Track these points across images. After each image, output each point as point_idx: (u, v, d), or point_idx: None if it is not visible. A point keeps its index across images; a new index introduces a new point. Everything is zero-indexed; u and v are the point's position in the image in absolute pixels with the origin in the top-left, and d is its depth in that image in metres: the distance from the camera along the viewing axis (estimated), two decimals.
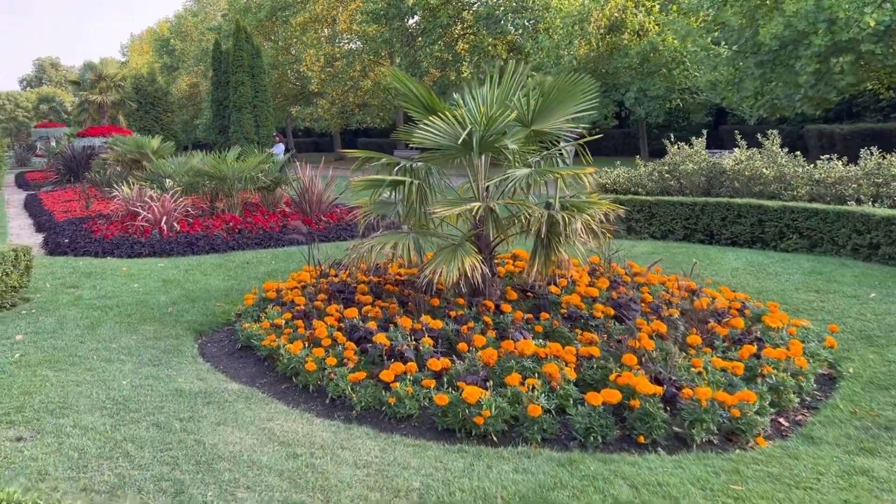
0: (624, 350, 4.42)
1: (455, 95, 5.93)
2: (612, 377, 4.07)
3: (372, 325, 5.10)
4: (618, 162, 12.74)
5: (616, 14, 21.62)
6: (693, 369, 4.23)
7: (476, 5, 28.11)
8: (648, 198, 10.12)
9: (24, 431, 3.95)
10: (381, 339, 4.72)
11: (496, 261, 6.10)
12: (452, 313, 5.20)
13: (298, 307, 5.73)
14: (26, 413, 4.18)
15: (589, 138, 5.75)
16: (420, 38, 30.14)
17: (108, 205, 15.62)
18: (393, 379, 4.30)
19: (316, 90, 37.09)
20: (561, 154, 6.04)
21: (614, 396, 3.79)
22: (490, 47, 26.66)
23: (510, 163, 5.56)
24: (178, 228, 11.30)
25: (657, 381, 4.01)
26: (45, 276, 8.29)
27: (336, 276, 7.15)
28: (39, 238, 12.57)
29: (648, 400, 3.77)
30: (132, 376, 4.83)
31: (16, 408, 4.26)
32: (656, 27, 22.12)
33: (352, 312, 5.31)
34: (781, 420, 4.08)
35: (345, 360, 4.65)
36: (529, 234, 5.44)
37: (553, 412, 3.95)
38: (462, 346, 4.64)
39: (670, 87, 20.65)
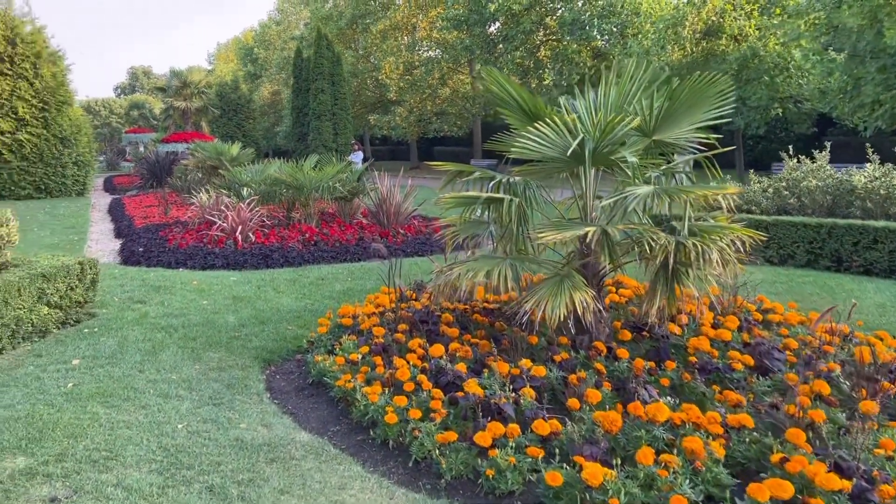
0: (783, 420, 3.50)
1: (561, 100, 5.13)
2: (774, 458, 3.17)
3: (461, 367, 4.34)
4: (728, 176, 11.63)
5: (713, 18, 20.28)
6: (879, 452, 3.27)
7: (560, 11, 27.16)
8: (764, 217, 9.01)
9: (60, 489, 3.37)
10: (473, 387, 3.96)
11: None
12: (557, 358, 4.38)
13: (377, 339, 5.03)
14: (67, 463, 3.62)
15: (722, 149, 4.82)
16: (501, 45, 29.41)
17: (186, 211, 15.51)
18: (490, 444, 3.52)
19: (394, 98, 36.89)
20: (683, 168, 5.14)
21: (785, 490, 2.89)
22: (574, 54, 25.66)
23: (626, 178, 4.72)
24: (253, 239, 10.89)
25: (838, 468, 3.09)
26: (115, 289, 7.93)
27: (416, 299, 6.47)
28: (117, 244, 12.44)
29: (833, 498, 2.86)
30: (190, 418, 4.23)
31: (56, 455, 3.70)
32: (756, 32, 20.65)
33: (438, 350, 4.57)
34: None
35: (431, 413, 3.90)
36: (649, 263, 4.58)
37: None
38: (573, 402, 3.82)
39: (773, 96, 19.17)
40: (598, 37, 24.46)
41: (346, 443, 4.02)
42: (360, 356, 4.77)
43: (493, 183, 4.93)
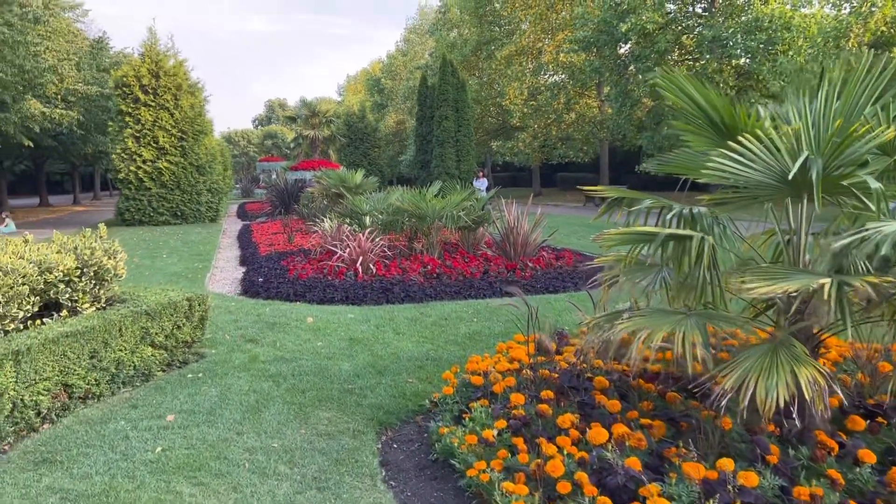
0: None
1: (760, 109, 3.97)
2: None
3: (633, 463, 3.24)
4: None
5: (883, 28, 18.02)
6: None
7: (699, 28, 25.40)
8: None
9: None
10: (657, 500, 2.87)
11: None
12: (771, 459, 3.19)
13: (515, 410, 4.03)
14: None
15: None
16: (632, 66, 27.94)
17: (309, 239, 15.26)
18: None
19: (517, 124, 36.13)
20: None
21: None
22: (715, 73, 23.81)
23: (858, 208, 3.49)
24: (374, 271, 10.24)
25: None
26: (228, 325, 7.42)
27: (558, 352, 5.43)
28: (240, 272, 12.22)
29: None
30: None
31: None
32: None
33: (600, 435, 3.50)
34: None
35: None
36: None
37: None
38: None
39: None
40: (742, 54, 22.51)
41: None
42: (495, 433, 3.79)
43: (671, 215, 3.83)
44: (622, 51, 28.49)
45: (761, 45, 21.91)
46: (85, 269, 5.55)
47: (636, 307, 4.27)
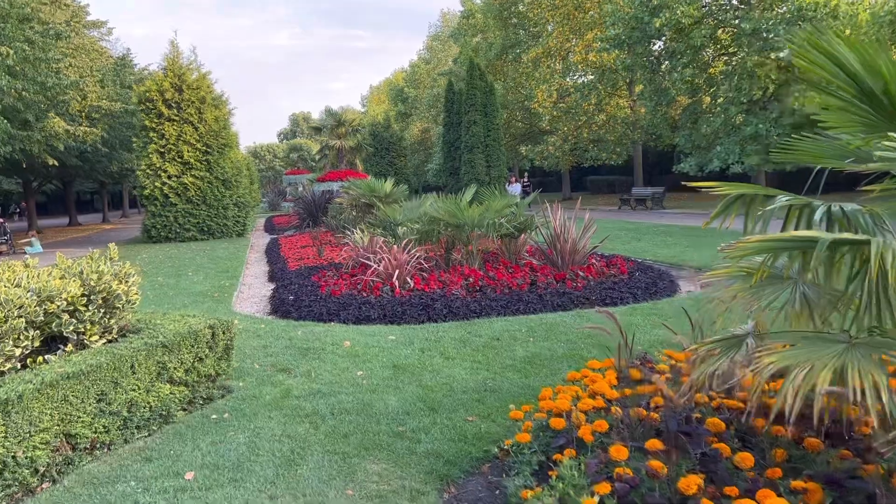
0: None
1: None
2: None
3: None
4: None
5: None
6: None
7: (738, 21, 24.33)
8: None
9: None
10: None
11: None
12: None
13: (619, 468, 3.18)
14: None
15: None
16: (666, 63, 26.93)
17: (340, 252, 14.55)
18: None
19: (546, 127, 35.24)
20: None
21: None
22: (757, 67, 22.71)
23: None
24: (412, 285, 9.46)
25: None
26: (257, 352, 6.67)
27: (643, 379, 4.57)
28: (269, 289, 11.53)
29: None
30: None
31: None
32: None
33: None
34: None
35: None
36: None
37: None
38: None
39: None
40: (784, 46, 21.39)
41: None
42: (597, 502, 2.94)
43: (819, 214, 2.98)
44: (655, 47, 27.48)
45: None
46: (92, 297, 4.83)
47: (759, 331, 3.41)
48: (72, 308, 4.71)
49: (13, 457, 3.75)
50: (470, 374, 5.67)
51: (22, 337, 4.39)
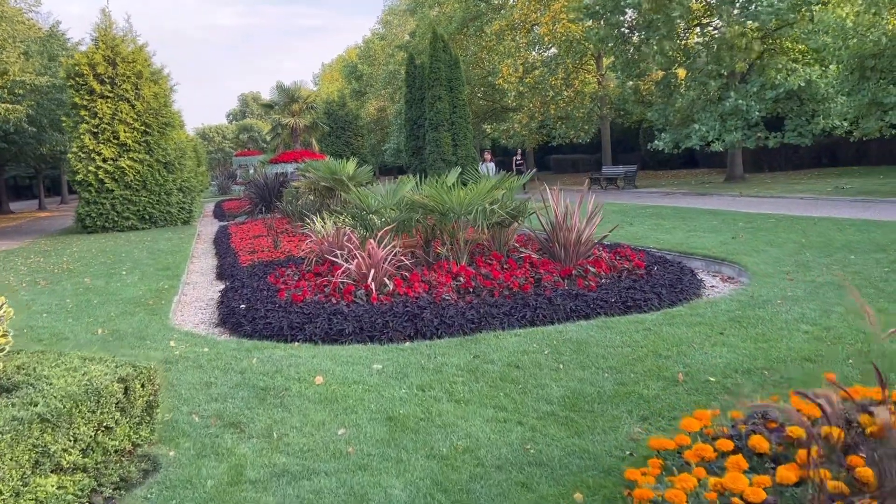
0: None
1: None
2: None
3: None
4: None
5: None
6: None
7: None
8: None
9: None
10: None
11: None
12: None
13: None
14: None
15: None
16: (638, 35, 25.52)
17: (300, 244, 12.79)
18: None
19: (512, 104, 33.65)
20: None
21: None
22: (736, 38, 21.45)
23: None
24: (392, 287, 7.80)
25: None
26: (198, 392, 4.95)
27: (778, 454, 3.06)
28: (217, 290, 9.78)
29: None
30: None
31: None
32: None
33: None
34: None
35: None
36: None
37: None
38: None
39: None
40: (769, 17, 20.12)
41: None
42: None
43: None
44: (626, 16, 26.00)
45: (795, 3, 19.63)
46: None
47: None
48: None
49: None
50: (497, 430, 4.07)
51: None
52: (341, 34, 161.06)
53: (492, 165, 21.01)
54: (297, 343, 6.45)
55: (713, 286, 8.49)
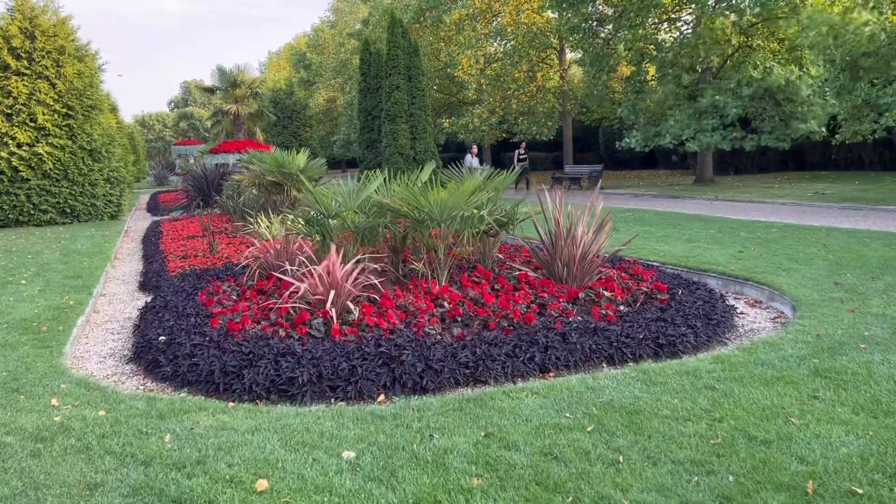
0: None
1: None
2: None
3: None
4: None
5: None
6: None
7: None
8: None
9: None
10: None
11: None
12: None
13: None
14: None
15: None
16: (611, 26, 24.25)
17: (241, 249, 10.95)
18: None
19: (473, 97, 32.08)
20: None
21: None
22: (717, 31, 20.34)
23: None
24: (359, 315, 6.06)
25: None
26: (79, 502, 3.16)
27: None
28: (137, 306, 7.92)
29: None
30: None
31: None
32: None
33: None
34: None
35: None
36: None
37: None
38: None
39: None
40: (753, 7, 19.03)
41: None
42: None
43: None
44: (597, 6, 24.67)
45: None
46: None
47: None
48: None
49: None
50: None
51: None
52: (290, 25, 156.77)
53: (476, 160, 19.39)
54: (232, 402, 4.69)
55: (743, 313, 7.07)
